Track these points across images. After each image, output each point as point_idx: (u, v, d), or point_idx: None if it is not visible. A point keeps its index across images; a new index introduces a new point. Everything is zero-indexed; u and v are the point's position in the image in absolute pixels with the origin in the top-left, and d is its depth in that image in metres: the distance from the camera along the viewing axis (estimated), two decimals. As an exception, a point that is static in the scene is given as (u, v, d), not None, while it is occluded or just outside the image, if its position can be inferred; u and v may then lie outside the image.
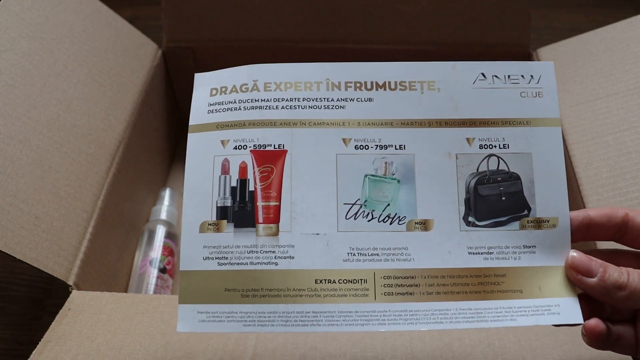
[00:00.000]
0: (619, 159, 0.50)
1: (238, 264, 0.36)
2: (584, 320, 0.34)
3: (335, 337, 0.41)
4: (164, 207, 0.64)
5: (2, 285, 0.60)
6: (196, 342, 0.41)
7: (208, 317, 0.35)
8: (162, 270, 0.58)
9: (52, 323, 0.42)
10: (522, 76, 0.38)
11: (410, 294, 0.35)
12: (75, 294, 0.45)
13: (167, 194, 0.65)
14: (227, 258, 0.36)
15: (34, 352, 0.40)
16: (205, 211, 0.36)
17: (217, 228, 0.36)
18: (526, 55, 0.65)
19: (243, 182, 0.37)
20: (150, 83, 0.64)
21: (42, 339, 0.41)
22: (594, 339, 0.34)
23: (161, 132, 0.69)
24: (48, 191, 0.48)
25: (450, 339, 0.41)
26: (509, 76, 0.38)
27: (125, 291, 0.58)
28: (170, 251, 0.60)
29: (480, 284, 0.35)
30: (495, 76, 0.38)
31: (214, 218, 0.36)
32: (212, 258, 0.36)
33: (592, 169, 0.51)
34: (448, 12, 0.63)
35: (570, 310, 0.34)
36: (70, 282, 0.46)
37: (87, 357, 0.40)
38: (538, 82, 0.38)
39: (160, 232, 0.61)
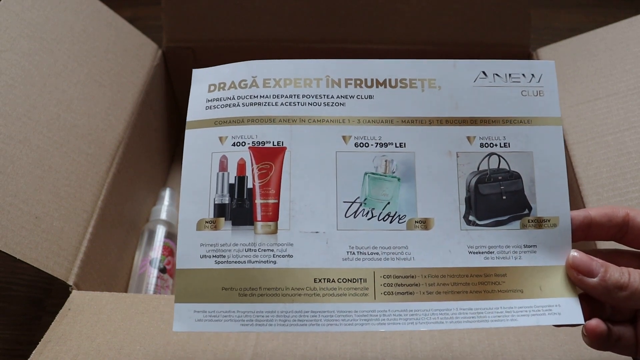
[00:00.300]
0: (619, 159, 0.50)
1: (236, 262, 0.35)
2: (585, 320, 0.34)
3: (336, 337, 0.41)
4: (164, 207, 0.64)
5: (2, 285, 0.60)
6: (196, 342, 0.41)
7: (205, 316, 0.35)
8: (162, 270, 0.58)
9: (52, 323, 0.42)
10: (523, 75, 0.38)
11: (410, 293, 0.35)
12: (75, 294, 0.45)
13: (167, 194, 0.65)
14: (224, 256, 0.36)
15: (34, 352, 0.40)
16: (202, 209, 0.36)
17: (214, 226, 0.36)
18: (526, 55, 0.65)
19: (241, 179, 0.37)
20: (150, 83, 0.64)
21: (42, 339, 0.41)
22: (595, 340, 0.33)
23: (161, 132, 0.69)
24: (48, 191, 0.48)
25: (450, 339, 0.41)
26: (509, 75, 0.38)
27: (125, 291, 0.58)
28: (170, 251, 0.60)
29: (481, 283, 0.35)
30: (496, 74, 0.38)
31: (212, 216, 0.36)
32: (210, 256, 0.36)
33: (592, 169, 0.51)
34: (448, 12, 0.64)
35: (571, 310, 0.34)
36: (70, 282, 0.46)
37: (87, 357, 0.40)
38: (539, 81, 0.38)
39: (160, 232, 0.61)
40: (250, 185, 0.37)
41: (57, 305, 0.44)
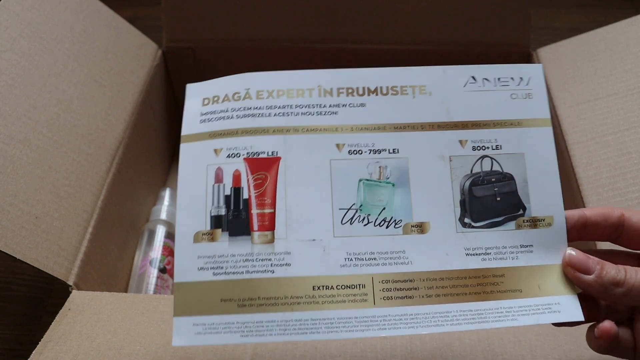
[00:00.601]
0: (619, 159, 0.50)
1: (234, 273, 0.35)
2: (585, 318, 0.34)
3: (335, 337, 0.41)
4: (164, 207, 0.64)
5: (2, 285, 0.60)
6: (196, 342, 0.41)
7: (204, 329, 0.34)
8: (162, 270, 0.58)
9: (52, 323, 0.42)
10: (512, 78, 0.38)
11: (410, 297, 0.35)
12: (75, 294, 0.45)
13: (167, 194, 0.65)
14: (222, 268, 0.35)
15: (34, 352, 0.40)
16: (199, 221, 0.36)
17: (211, 237, 0.36)
18: (526, 55, 0.65)
19: (237, 190, 0.37)
20: (150, 83, 0.64)
21: (42, 339, 0.41)
22: (608, 340, 0.33)
23: (161, 132, 0.69)
24: (48, 191, 0.48)
25: (450, 339, 0.41)
26: (498, 79, 0.38)
27: (125, 291, 0.58)
28: (170, 251, 0.60)
29: (480, 284, 0.35)
30: (486, 79, 0.38)
31: (208, 227, 0.36)
32: (207, 268, 0.35)
33: (592, 169, 0.51)
34: (448, 12, 0.64)
35: (570, 308, 0.34)
36: (70, 282, 0.46)
37: (87, 357, 0.40)
38: (527, 84, 0.38)
39: (160, 232, 0.61)
40: (246, 196, 0.37)
41: (57, 305, 0.44)
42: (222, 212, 0.36)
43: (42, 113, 0.51)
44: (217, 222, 0.36)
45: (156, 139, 0.68)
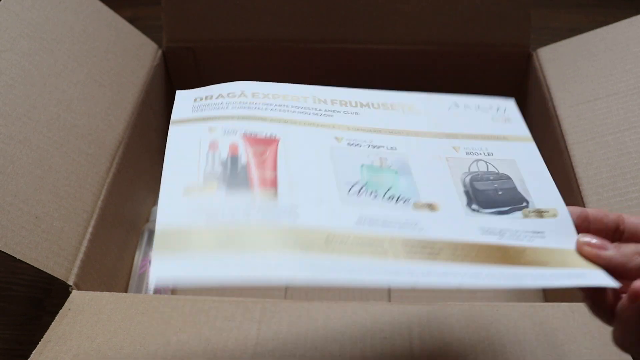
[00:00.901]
0: (619, 159, 0.50)
1: (231, 221, 0.31)
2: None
3: (335, 337, 0.41)
4: (164, 207, 0.63)
5: (2, 285, 0.60)
6: (196, 342, 0.41)
7: (193, 268, 0.29)
8: (162, 270, 0.58)
9: (52, 323, 0.42)
10: (490, 107, 0.42)
11: (436, 254, 0.32)
12: (75, 294, 0.45)
13: (167, 194, 0.65)
14: (216, 215, 0.31)
15: (34, 352, 0.40)
16: (190, 177, 0.33)
17: (205, 190, 0.32)
18: (526, 55, 0.65)
19: (234, 158, 0.34)
20: (150, 83, 0.64)
21: (42, 339, 0.41)
22: None
23: (161, 132, 0.69)
24: (48, 191, 0.48)
25: (450, 338, 0.41)
26: (478, 106, 0.42)
27: (125, 291, 0.58)
28: (170, 251, 0.60)
29: (503, 256, 0.33)
30: (467, 106, 0.42)
31: (202, 182, 0.32)
32: (200, 217, 0.31)
33: (592, 169, 0.51)
34: (448, 12, 0.64)
35: (602, 277, 0.32)
36: (70, 282, 0.46)
37: (87, 357, 0.40)
38: (505, 112, 0.42)
39: (160, 232, 0.61)
40: (244, 162, 0.34)
41: (57, 305, 0.44)
42: (218, 172, 0.33)
43: (42, 113, 0.51)
44: (212, 177, 0.33)
45: (156, 138, 0.67)
